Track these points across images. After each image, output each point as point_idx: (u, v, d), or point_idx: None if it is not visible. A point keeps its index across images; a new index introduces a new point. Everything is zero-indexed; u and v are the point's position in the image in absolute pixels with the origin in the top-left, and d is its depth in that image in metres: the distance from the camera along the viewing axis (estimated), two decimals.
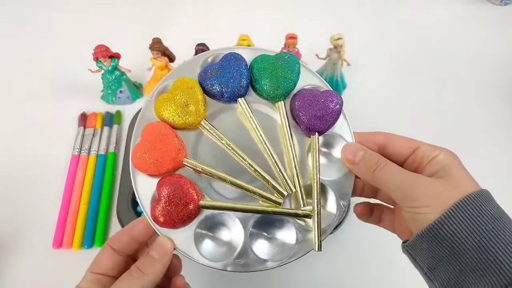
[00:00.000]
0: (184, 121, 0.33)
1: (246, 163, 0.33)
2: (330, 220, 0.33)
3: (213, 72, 0.34)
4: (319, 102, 0.35)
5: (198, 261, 0.32)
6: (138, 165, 0.33)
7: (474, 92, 0.67)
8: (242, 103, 0.35)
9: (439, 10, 0.78)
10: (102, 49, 0.56)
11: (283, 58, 0.35)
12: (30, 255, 0.50)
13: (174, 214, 0.31)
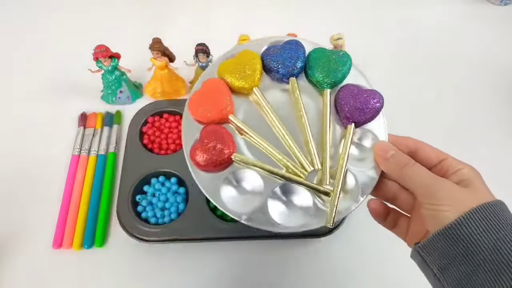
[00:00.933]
0: (240, 84, 0.38)
1: (282, 134, 0.37)
2: (347, 205, 0.36)
3: (275, 50, 0.39)
4: (362, 96, 0.38)
5: (220, 205, 0.35)
6: (191, 107, 0.38)
7: (474, 92, 0.67)
8: (293, 82, 0.39)
9: (439, 10, 0.78)
10: (102, 49, 0.56)
11: (338, 53, 0.40)
12: (30, 255, 0.51)
13: (209, 156, 0.35)
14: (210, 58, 0.58)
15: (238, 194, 0.36)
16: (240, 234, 0.50)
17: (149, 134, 0.58)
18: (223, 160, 0.35)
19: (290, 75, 0.39)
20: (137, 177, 0.53)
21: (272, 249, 0.51)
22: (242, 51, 0.39)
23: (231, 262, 0.51)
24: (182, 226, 0.50)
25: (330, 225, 0.35)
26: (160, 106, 0.61)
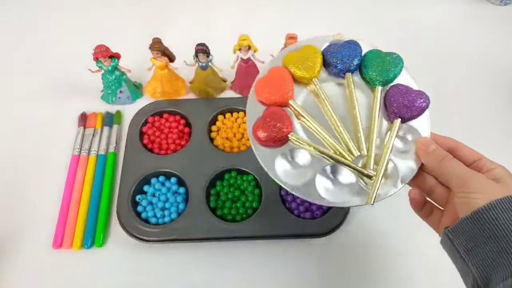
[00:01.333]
0: (301, 74, 0.43)
1: (335, 121, 0.41)
2: (386, 189, 0.39)
3: (335, 47, 0.44)
4: (410, 95, 0.41)
5: (273, 175, 0.40)
6: (257, 90, 0.42)
7: (474, 92, 0.67)
8: (349, 77, 0.43)
9: (439, 10, 0.78)
10: (102, 49, 0.56)
11: (392, 55, 0.44)
12: (30, 255, 0.51)
13: (270, 132, 0.40)
14: (210, 58, 0.58)
15: (291, 169, 0.41)
16: (240, 234, 0.50)
17: (149, 134, 0.58)
18: (281, 137, 0.40)
19: (347, 70, 0.43)
20: (137, 177, 0.54)
21: (272, 249, 0.51)
22: (306, 46, 0.44)
23: (231, 262, 0.51)
24: (182, 226, 0.50)
25: (371, 203, 0.39)
26: (160, 106, 0.61)
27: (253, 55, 0.59)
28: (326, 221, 0.50)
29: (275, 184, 0.52)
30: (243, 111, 0.61)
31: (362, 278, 0.50)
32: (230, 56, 0.59)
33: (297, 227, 0.50)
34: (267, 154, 0.41)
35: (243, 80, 0.62)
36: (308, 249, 0.52)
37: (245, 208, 0.52)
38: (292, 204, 0.52)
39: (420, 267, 0.51)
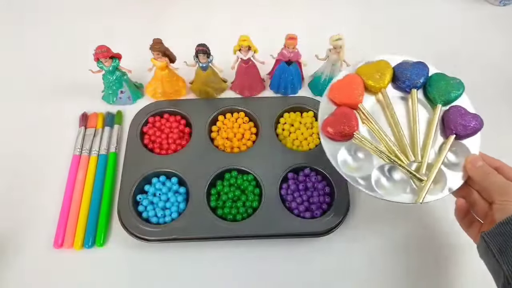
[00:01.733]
0: (372, 83, 0.50)
1: (396, 128, 0.48)
2: (434, 193, 0.45)
3: (406, 65, 0.51)
4: (467, 117, 0.47)
5: (335, 165, 0.46)
6: (331, 91, 0.50)
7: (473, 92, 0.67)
8: (414, 93, 0.50)
9: (438, 10, 0.79)
10: (103, 50, 0.56)
11: (455, 80, 0.50)
12: (31, 254, 0.51)
13: (338, 128, 0.46)
14: (210, 58, 0.58)
15: (352, 162, 0.47)
16: (241, 233, 0.50)
17: (150, 134, 0.59)
18: (347, 133, 0.47)
19: (413, 87, 0.50)
20: (138, 177, 0.54)
21: (272, 248, 0.52)
22: (380, 60, 0.51)
23: (231, 261, 0.51)
24: (183, 226, 0.50)
25: (420, 202, 0.44)
26: (160, 106, 0.61)
27: (253, 56, 0.59)
28: (326, 220, 0.51)
29: (275, 184, 0.53)
30: (243, 111, 0.61)
31: (362, 277, 0.51)
32: (230, 57, 0.59)
33: (297, 227, 0.50)
34: (333, 146, 0.47)
35: (243, 80, 0.63)
36: (308, 248, 0.52)
37: (246, 208, 0.52)
38: (292, 203, 0.53)
39: (419, 267, 0.51)
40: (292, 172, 0.55)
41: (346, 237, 0.53)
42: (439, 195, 0.45)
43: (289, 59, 0.59)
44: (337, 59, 0.59)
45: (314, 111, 0.60)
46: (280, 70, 0.61)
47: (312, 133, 0.59)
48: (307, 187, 0.54)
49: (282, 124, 0.60)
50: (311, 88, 0.66)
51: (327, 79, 0.63)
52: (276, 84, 0.63)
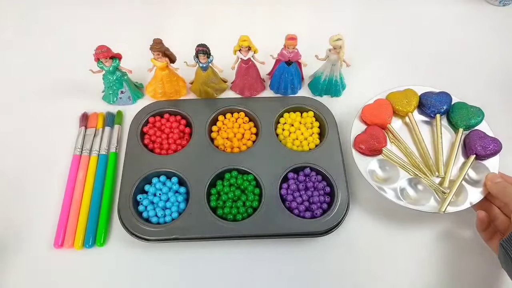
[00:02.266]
0: (400, 108, 0.58)
1: (421, 147, 0.55)
2: (455, 205, 0.50)
3: (432, 94, 0.59)
4: (487, 140, 0.54)
5: (365, 176, 0.52)
6: (364, 112, 0.57)
7: (473, 92, 0.67)
8: (438, 117, 0.57)
9: (438, 10, 0.79)
10: (103, 50, 0.56)
11: (476, 108, 0.57)
12: (32, 254, 0.51)
13: (369, 144, 0.53)
14: (210, 58, 0.58)
15: (380, 173, 0.54)
16: (241, 233, 0.50)
17: (150, 134, 0.59)
18: (376, 149, 0.53)
19: (437, 112, 0.57)
20: (138, 176, 0.54)
21: (272, 248, 0.52)
22: (408, 89, 0.59)
23: (231, 261, 0.51)
24: (183, 226, 0.50)
25: (443, 211, 0.49)
26: (160, 106, 0.61)
27: (253, 56, 0.59)
28: (326, 220, 0.51)
29: (275, 184, 0.53)
30: (243, 112, 0.61)
31: (362, 276, 0.51)
32: (231, 57, 0.59)
33: (297, 227, 0.50)
34: (363, 160, 0.53)
35: (243, 80, 0.63)
36: (308, 248, 0.52)
37: (246, 208, 0.52)
38: (292, 203, 0.53)
39: (418, 267, 0.51)
40: (292, 172, 0.55)
41: (346, 237, 0.53)
42: (460, 207, 0.50)
43: (289, 59, 0.59)
44: (337, 59, 0.59)
45: (314, 111, 0.61)
46: (280, 70, 0.61)
47: (312, 133, 0.59)
48: (307, 187, 0.54)
49: (282, 124, 0.60)
50: (311, 88, 0.66)
51: (327, 79, 0.63)
52: (276, 84, 0.63)
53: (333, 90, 0.64)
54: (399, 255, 0.52)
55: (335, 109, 0.61)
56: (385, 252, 0.52)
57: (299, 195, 0.53)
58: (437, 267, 0.51)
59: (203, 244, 0.52)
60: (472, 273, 0.50)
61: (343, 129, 0.60)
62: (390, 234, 0.53)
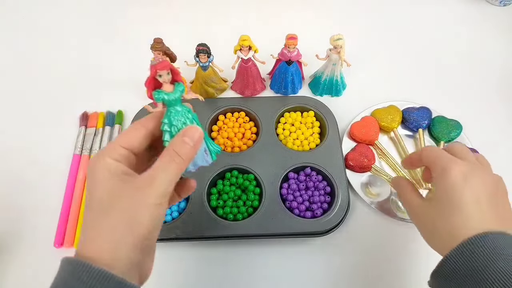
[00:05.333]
0: (385, 124, 0.60)
1: None
2: None
3: (413, 109, 0.61)
4: None
5: (359, 192, 0.55)
6: (352, 130, 0.60)
7: (473, 92, 0.67)
8: (420, 132, 0.60)
9: (438, 10, 0.79)
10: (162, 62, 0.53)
11: (455, 121, 0.60)
12: (32, 254, 0.51)
13: (359, 162, 0.56)
14: (210, 58, 0.58)
15: (370, 188, 0.56)
16: (241, 233, 0.50)
17: None
18: (366, 166, 0.56)
19: (419, 127, 0.60)
20: None
21: (273, 248, 0.52)
22: (391, 106, 0.62)
23: (232, 261, 0.51)
24: (183, 225, 0.50)
25: None
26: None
27: (253, 56, 0.59)
28: (327, 220, 0.51)
29: (276, 183, 0.53)
30: (243, 111, 0.61)
31: (362, 276, 0.51)
32: (231, 57, 0.59)
33: (297, 226, 0.50)
34: (354, 176, 0.56)
35: (243, 80, 0.63)
36: (308, 247, 0.52)
37: (246, 207, 0.52)
38: (292, 203, 0.53)
39: (418, 266, 0.51)
40: (292, 172, 0.55)
41: (347, 236, 0.53)
42: None
43: (290, 59, 0.59)
44: (338, 58, 0.59)
45: (314, 110, 0.61)
46: (281, 70, 0.61)
47: (313, 133, 0.59)
48: (308, 187, 0.54)
49: (283, 124, 0.60)
50: (312, 88, 0.66)
51: (327, 79, 0.63)
52: (277, 84, 0.63)
53: (333, 89, 0.64)
54: (400, 254, 0.52)
55: (336, 109, 0.61)
56: (386, 251, 0.52)
57: (299, 195, 0.53)
58: None
59: (203, 243, 0.52)
60: None
61: (343, 129, 0.61)
62: (391, 234, 0.53)
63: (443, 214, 0.36)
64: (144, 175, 0.30)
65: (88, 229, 0.30)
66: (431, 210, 0.38)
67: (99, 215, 0.29)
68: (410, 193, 0.42)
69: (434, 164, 0.39)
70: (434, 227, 0.37)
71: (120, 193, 0.29)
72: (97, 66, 0.69)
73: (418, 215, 0.40)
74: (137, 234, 0.29)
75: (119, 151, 0.31)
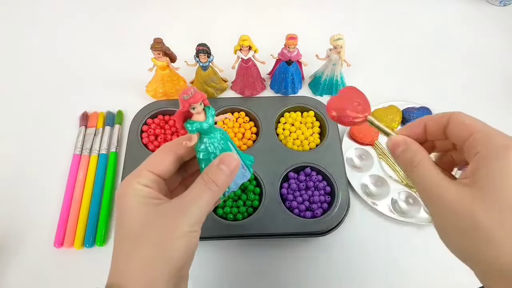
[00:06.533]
0: (386, 124, 0.52)
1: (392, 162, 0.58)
2: None
3: (413, 109, 0.61)
4: None
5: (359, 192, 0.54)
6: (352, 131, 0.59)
7: (473, 92, 0.67)
8: None
9: (438, 10, 0.79)
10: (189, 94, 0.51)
11: None
12: (32, 254, 0.51)
13: (346, 106, 0.34)
14: (210, 58, 0.58)
15: (370, 188, 0.56)
16: (241, 233, 0.50)
17: (150, 134, 0.59)
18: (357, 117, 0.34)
19: None
20: None
21: (273, 247, 0.52)
22: (391, 105, 0.62)
23: (232, 261, 0.51)
24: None
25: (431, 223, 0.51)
26: (161, 106, 0.61)
27: (253, 56, 0.59)
28: (327, 220, 0.51)
29: (276, 183, 0.53)
30: (243, 111, 0.61)
31: (363, 276, 0.50)
32: (231, 57, 0.59)
33: (297, 226, 0.50)
34: (355, 176, 0.56)
35: (243, 80, 0.63)
36: (308, 247, 0.52)
37: (246, 207, 0.52)
38: (292, 203, 0.53)
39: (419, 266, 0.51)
40: (292, 172, 0.55)
41: (347, 236, 0.53)
42: None
43: (290, 59, 0.59)
44: (338, 58, 0.59)
45: (314, 110, 0.60)
46: (281, 70, 0.61)
47: (313, 132, 0.59)
48: (308, 187, 0.54)
49: (283, 123, 0.60)
50: (312, 88, 0.66)
51: (327, 79, 0.63)
52: (277, 84, 0.63)
53: (333, 89, 0.64)
54: (400, 254, 0.52)
55: None
56: (386, 252, 0.52)
57: (299, 195, 0.53)
58: (438, 266, 0.51)
59: (203, 244, 0.52)
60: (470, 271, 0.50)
61: (344, 129, 0.60)
62: (391, 234, 0.53)
63: (502, 209, 0.23)
64: (177, 201, 0.29)
65: (120, 261, 0.28)
66: (474, 202, 0.24)
67: (131, 245, 0.28)
68: (433, 168, 0.27)
69: (480, 140, 0.26)
70: (475, 227, 0.24)
71: (152, 222, 0.28)
72: (97, 66, 0.69)
73: (447, 203, 0.25)
74: (171, 267, 0.27)
75: (148, 176, 0.30)
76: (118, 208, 0.29)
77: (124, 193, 0.29)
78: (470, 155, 0.26)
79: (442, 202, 0.25)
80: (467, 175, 0.26)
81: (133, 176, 0.30)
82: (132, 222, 0.28)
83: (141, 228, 0.28)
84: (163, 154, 0.31)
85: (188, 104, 0.30)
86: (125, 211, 0.28)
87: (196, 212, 0.28)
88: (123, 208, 0.29)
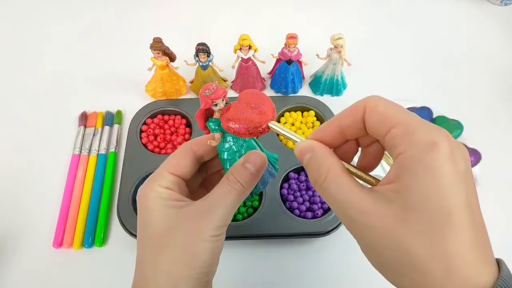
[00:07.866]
0: None
1: None
2: None
3: (413, 110, 0.57)
4: None
5: None
6: None
7: (474, 91, 0.67)
8: None
9: (439, 10, 0.79)
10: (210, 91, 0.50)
11: (454, 121, 0.58)
12: (31, 254, 0.50)
13: (245, 115, 0.28)
14: (210, 57, 0.58)
15: None
16: (241, 233, 0.50)
17: (150, 134, 0.58)
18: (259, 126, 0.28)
19: None
20: (137, 176, 0.53)
21: (273, 248, 0.51)
22: None
23: (231, 261, 0.51)
24: None
25: None
26: (160, 105, 0.61)
27: (253, 55, 0.59)
28: (327, 220, 0.50)
29: (276, 183, 0.53)
30: None
31: (363, 276, 0.50)
32: (231, 56, 0.59)
33: (298, 227, 0.50)
34: None
35: (243, 80, 0.62)
36: (309, 248, 0.52)
37: (246, 208, 0.52)
38: (293, 203, 0.52)
39: None
40: (293, 172, 0.55)
41: (347, 237, 0.52)
42: None
43: (290, 58, 0.59)
44: (338, 58, 0.59)
45: (315, 110, 0.60)
46: (281, 70, 0.61)
47: None
48: (308, 187, 0.53)
49: (283, 123, 0.60)
50: (312, 88, 0.66)
51: (328, 78, 0.62)
52: (277, 84, 0.63)
53: (334, 89, 0.64)
54: None
55: (336, 108, 0.60)
56: None
57: (300, 195, 0.53)
58: None
59: None
60: None
61: None
62: None
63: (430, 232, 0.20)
64: (201, 203, 0.28)
65: (144, 266, 0.28)
66: (398, 223, 0.21)
67: (156, 250, 0.27)
68: (345, 181, 0.23)
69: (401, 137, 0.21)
70: (402, 252, 0.22)
71: (176, 225, 0.27)
72: (97, 66, 0.68)
73: (367, 225, 0.23)
74: (197, 272, 0.27)
75: (169, 178, 0.29)
76: (140, 211, 0.28)
77: (145, 196, 0.28)
78: (392, 154, 0.22)
79: (361, 225, 0.23)
80: (390, 179, 0.22)
81: (154, 179, 0.29)
82: (156, 226, 0.27)
83: (165, 232, 0.27)
84: (183, 155, 0.30)
85: (211, 100, 0.28)
86: (148, 215, 0.28)
87: (222, 214, 0.28)
88: (146, 211, 0.28)
